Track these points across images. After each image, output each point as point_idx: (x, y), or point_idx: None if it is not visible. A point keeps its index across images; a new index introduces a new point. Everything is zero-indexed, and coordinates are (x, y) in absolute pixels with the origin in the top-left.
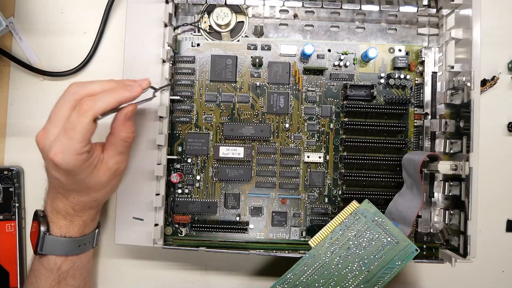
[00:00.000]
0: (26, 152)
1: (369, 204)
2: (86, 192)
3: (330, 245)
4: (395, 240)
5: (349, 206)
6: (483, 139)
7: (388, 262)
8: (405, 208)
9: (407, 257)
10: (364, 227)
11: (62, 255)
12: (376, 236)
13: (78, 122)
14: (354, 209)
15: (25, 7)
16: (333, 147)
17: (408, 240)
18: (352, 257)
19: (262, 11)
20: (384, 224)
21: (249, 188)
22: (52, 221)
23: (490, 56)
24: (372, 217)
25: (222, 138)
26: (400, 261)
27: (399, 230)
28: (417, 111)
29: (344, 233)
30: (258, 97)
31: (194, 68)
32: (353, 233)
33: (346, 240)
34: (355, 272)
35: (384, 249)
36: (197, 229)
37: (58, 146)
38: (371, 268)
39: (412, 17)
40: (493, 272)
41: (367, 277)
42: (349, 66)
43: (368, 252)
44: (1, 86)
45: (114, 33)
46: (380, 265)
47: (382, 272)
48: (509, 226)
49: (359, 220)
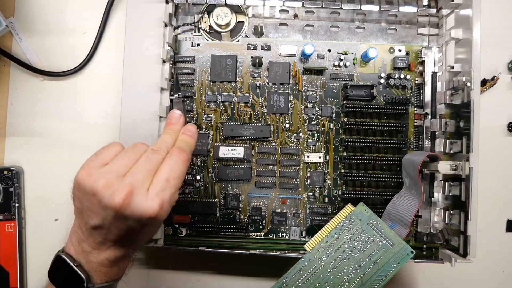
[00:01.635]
0: (26, 152)
1: (364, 207)
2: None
3: (325, 249)
4: (390, 242)
5: (344, 209)
6: (483, 139)
7: (384, 265)
8: (403, 209)
9: (403, 259)
10: (359, 230)
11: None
12: (371, 239)
13: (177, 165)
14: (349, 212)
15: (25, 7)
16: (333, 147)
17: (403, 242)
18: (347, 260)
19: (262, 11)
20: (379, 227)
21: (249, 188)
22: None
23: (490, 56)
24: (367, 220)
25: (222, 138)
26: (396, 264)
27: (395, 232)
28: (417, 111)
29: (339, 236)
30: (258, 97)
31: (194, 68)
32: (348, 236)
33: (342, 243)
34: (350, 275)
35: (380, 251)
36: (197, 229)
37: (151, 193)
38: (367, 271)
39: (412, 17)
40: (493, 272)
41: (363, 280)
42: (349, 66)
43: (364, 255)
44: (1, 86)
45: (114, 33)
46: (375, 268)
47: (377, 275)
48: (509, 226)
49: (354, 223)
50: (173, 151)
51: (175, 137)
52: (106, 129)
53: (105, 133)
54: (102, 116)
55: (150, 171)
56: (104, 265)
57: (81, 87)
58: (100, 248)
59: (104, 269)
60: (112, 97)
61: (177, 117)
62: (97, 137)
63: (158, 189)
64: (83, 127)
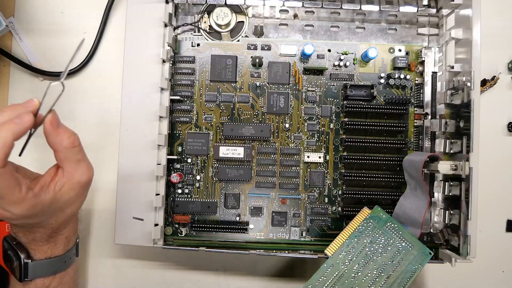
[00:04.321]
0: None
1: (380, 210)
2: (61, 214)
3: (347, 253)
4: (409, 244)
5: (361, 213)
6: (483, 139)
7: (406, 267)
8: (412, 210)
9: (423, 260)
10: (378, 233)
11: (49, 275)
12: (391, 241)
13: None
14: (366, 216)
15: (25, 7)
16: (333, 147)
17: (421, 243)
18: (370, 264)
19: (262, 11)
20: (396, 229)
21: (249, 188)
22: (33, 248)
23: (490, 56)
24: (385, 223)
25: (222, 138)
26: (418, 265)
27: (411, 233)
28: (417, 111)
29: (359, 240)
30: (258, 97)
31: (194, 68)
32: (368, 240)
33: (363, 247)
34: (375, 279)
35: (400, 254)
36: (197, 229)
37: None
38: (391, 274)
39: (412, 17)
40: (493, 272)
41: (388, 283)
42: (349, 66)
43: (386, 258)
44: (1, 86)
45: (114, 33)
46: (399, 270)
47: (402, 277)
48: (509, 226)
49: (372, 226)
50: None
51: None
52: (106, 129)
53: (105, 133)
54: (102, 116)
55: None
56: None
57: (81, 87)
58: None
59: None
60: (112, 97)
61: (26, 107)
62: (97, 137)
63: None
64: (83, 127)
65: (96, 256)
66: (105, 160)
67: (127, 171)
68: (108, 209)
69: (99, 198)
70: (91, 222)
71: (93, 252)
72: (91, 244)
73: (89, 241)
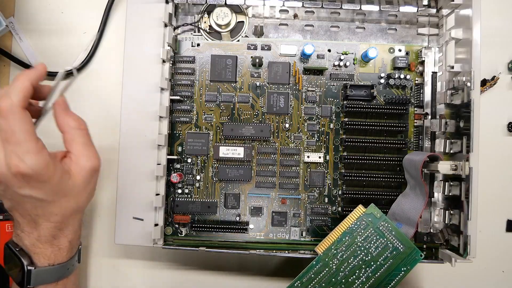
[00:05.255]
0: None
1: (376, 208)
2: (65, 201)
3: (337, 252)
4: (401, 245)
5: (355, 210)
6: (483, 139)
7: (394, 268)
8: (409, 208)
9: (412, 262)
10: (371, 232)
11: (53, 282)
12: (383, 241)
13: (12, 124)
14: (361, 214)
15: (25, 7)
16: (333, 147)
17: (413, 246)
18: (359, 264)
19: (262, 11)
20: (390, 229)
21: (249, 188)
22: (36, 253)
23: (490, 56)
24: (379, 222)
25: (222, 138)
26: (406, 267)
27: (404, 233)
28: (417, 111)
29: (351, 238)
30: (258, 97)
31: (194, 68)
32: (360, 239)
33: (354, 246)
34: (362, 279)
35: (391, 254)
36: (197, 229)
37: (13, 158)
38: (377, 275)
39: (412, 17)
40: (493, 272)
41: (374, 283)
42: (349, 66)
43: (375, 258)
44: (1, 86)
45: (114, 33)
46: (386, 271)
47: (388, 279)
48: (509, 226)
49: (365, 225)
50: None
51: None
52: (106, 129)
53: (105, 133)
54: (102, 116)
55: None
56: (43, 245)
57: (81, 87)
58: (32, 228)
59: (44, 251)
60: (112, 97)
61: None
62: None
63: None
64: None
65: (96, 256)
66: (105, 160)
67: (127, 171)
68: (108, 209)
69: (99, 198)
70: (91, 222)
71: (93, 252)
72: (91, 244)
73: (89, 241)
